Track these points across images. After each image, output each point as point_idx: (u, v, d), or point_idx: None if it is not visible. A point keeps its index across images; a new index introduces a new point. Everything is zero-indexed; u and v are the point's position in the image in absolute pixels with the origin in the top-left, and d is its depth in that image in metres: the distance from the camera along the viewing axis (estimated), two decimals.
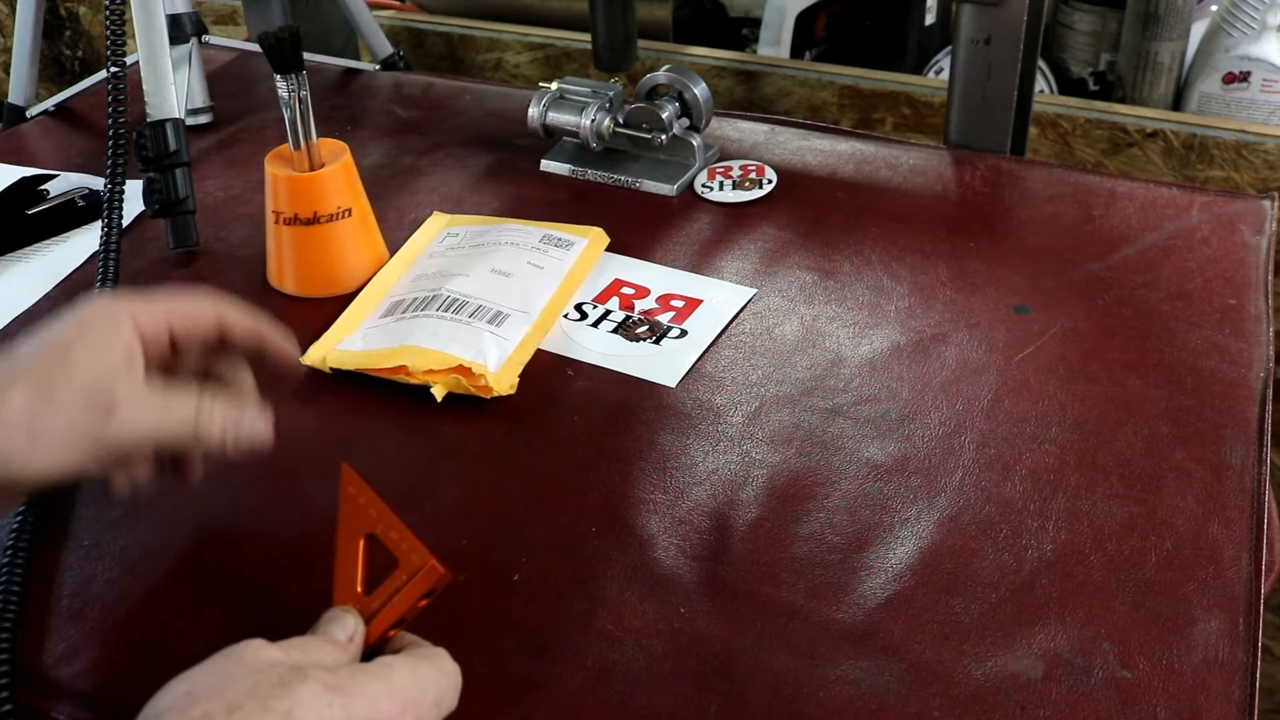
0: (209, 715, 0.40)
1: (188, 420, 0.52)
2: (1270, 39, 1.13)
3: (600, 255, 0.81)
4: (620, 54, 1.01)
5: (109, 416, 0.49)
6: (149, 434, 0.51)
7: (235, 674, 0.42)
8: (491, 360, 0.70)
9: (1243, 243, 0.79)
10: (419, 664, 0.46)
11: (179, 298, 0.55)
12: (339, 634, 0.48)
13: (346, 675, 0.43)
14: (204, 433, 0.52)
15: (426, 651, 0.48)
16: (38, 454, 0.48)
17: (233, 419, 0.53)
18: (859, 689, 0.51)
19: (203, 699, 0.41)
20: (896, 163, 0.91)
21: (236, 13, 1.47)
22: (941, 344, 0.71)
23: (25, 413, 0.48)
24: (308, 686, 0.41)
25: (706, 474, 0.63)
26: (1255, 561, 0.56)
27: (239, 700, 0.41)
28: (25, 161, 0.98)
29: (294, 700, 0.41)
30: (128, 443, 0.51)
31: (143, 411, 0.50)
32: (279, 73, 0.73)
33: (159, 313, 0.53)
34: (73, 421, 0.49)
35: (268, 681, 0.42)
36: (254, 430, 0.54)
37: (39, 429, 0.48)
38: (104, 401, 0.49)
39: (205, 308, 0.55)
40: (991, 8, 0.86)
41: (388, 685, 0.44)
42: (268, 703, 0.40)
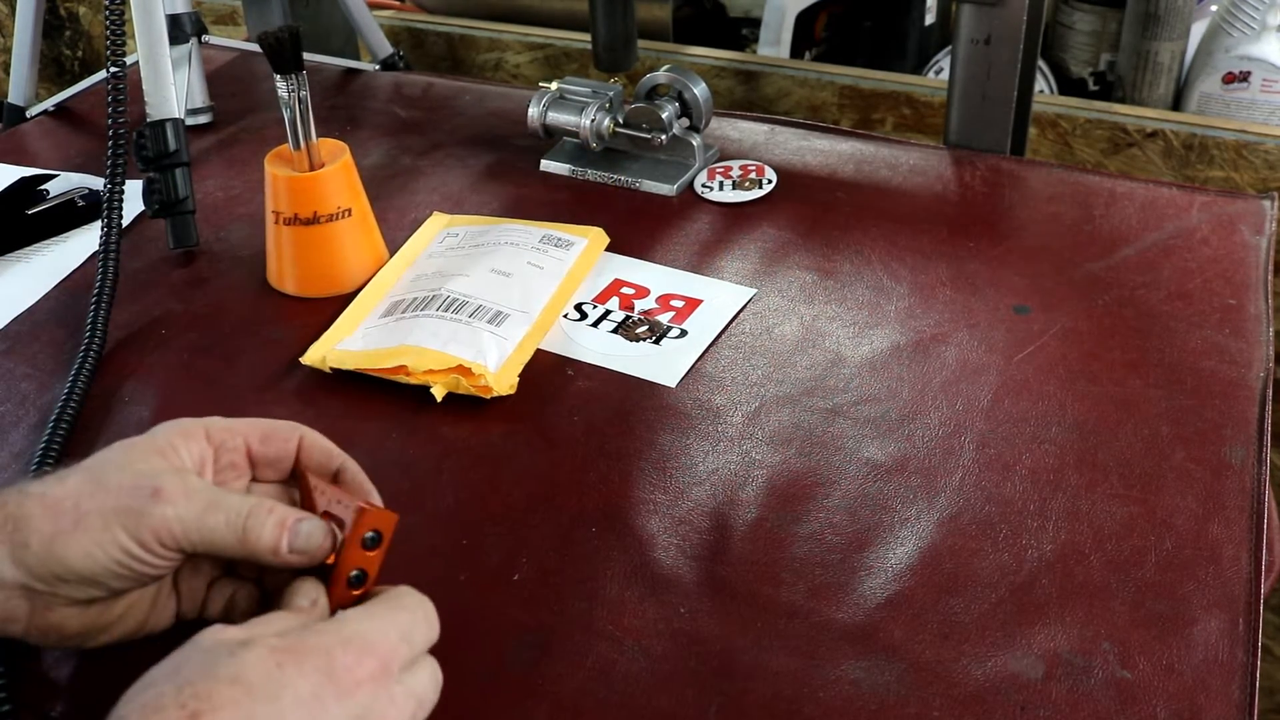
0: (161, 695, 0.40)
1: (237, 517, 0.48)
2: (1270, 39, 1.13)
3: (600, 255, 0.81)
4: (620, 54, 1.01)
5: (151, 500, 0.47)
6: (193, 524, 0.48)
7: (190, 656, 0.42)
8: (491, 360, 0.70)
9: (1243, 243, 0.79)
10: (374, 608, 0.46)
11: (260, 419, 0.53)
12: (301, 601, 0.47)
13: (295, 637, 0.43)
14: (253, 534, 0.48)
15: (386, 595, 0.47)
16: (78, 535, 0.47)
17: (290, 525, 0.48)
18: (859, 689, 0.51)
19: (157, 682, 0.41)
20: (896, 163, 0.91)
21: (236, 13, 1.47)
22: (941, 344, 0.71)
23: (75, 494, 0.48)
24: (254, 652, 0.41)
25: (706, 474, 0.63)
26: (1255, 561, 0.56)
27: (190, 677, 0.41)
28: (25, 161, 0.98)
29: (240, 666, 0.41)
30: (175, 534, 0.47)
31: (190, 500, 0.48)
32: (279, 73, 0.73)
33: (238, 426, 0.52)
34: (116, 503, 0.47)
35: (215, 653, 0.42)
36: (311, 538, 0.49)
37: (82, 510, 0.47)
38: (148, 487, 0.48)
39: (287, 426, 0.53)
40: (991, 8, 0.86)
41: (339, 636, 0.43)
42: (215, 672, 0.41)
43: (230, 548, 0.48)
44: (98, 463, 0.50)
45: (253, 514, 0.48)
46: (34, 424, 0.68)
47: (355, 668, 0.43)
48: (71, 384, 0.69)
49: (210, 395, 0.71)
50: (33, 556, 0.47)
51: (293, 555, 0.48)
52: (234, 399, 0.70)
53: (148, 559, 0.48)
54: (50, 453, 0.64)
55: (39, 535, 0.47)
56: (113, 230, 0.77)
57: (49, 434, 0.65)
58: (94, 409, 0.69)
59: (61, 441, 0.65)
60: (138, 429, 0.67)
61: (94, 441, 0.67)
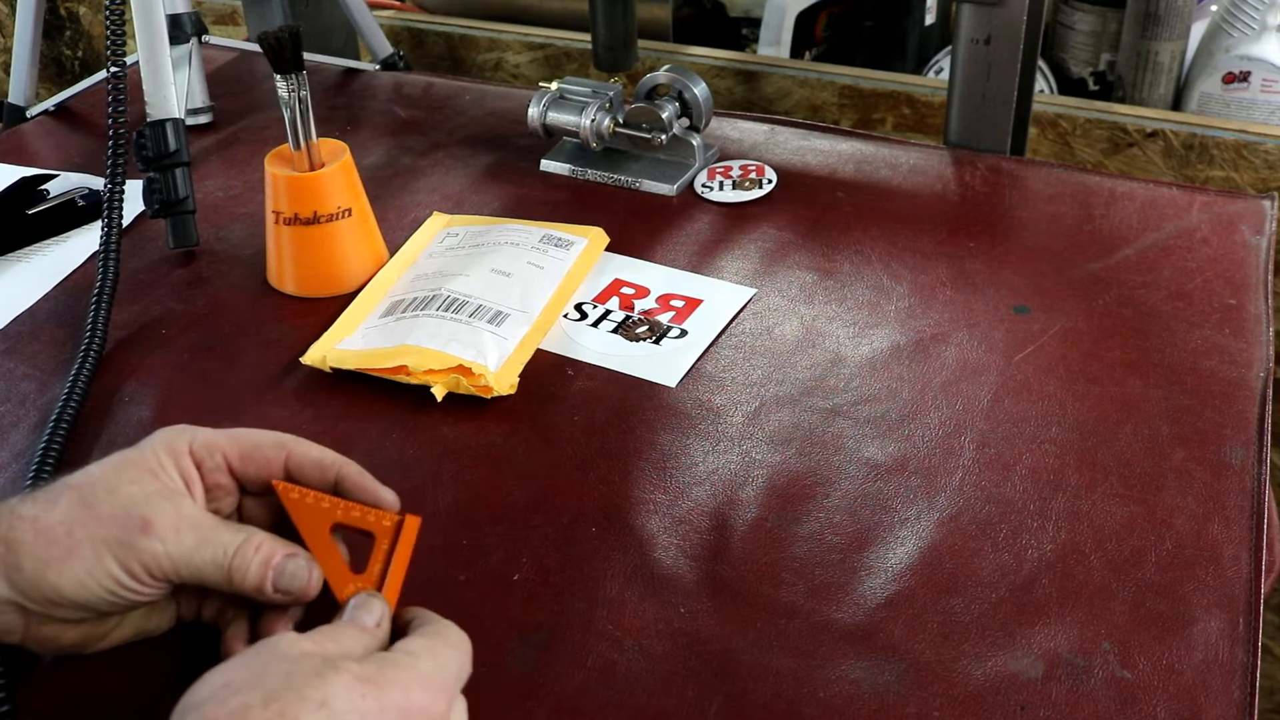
0: (247, 706, 0.40)
1: (225, 553, 0.49)
2: (1270, 39, 1.13)
3: (600, 255, 0.81)
4: (620, 54, 1.01)
5: (141, 534, 0.48)
6: (182, 560, 0.48)
7: (271, 665, 0.43)
8: (491, 360, 0.70)
9: (1243, 243, 0.79)
10: (436, 646, 0.47)
11: (245, 432, 0.53)
12: (367, 620, 0.48)
13: (376, 667, 0.44)
14: (239, 571, 0.49)
15: (438, 629, 0.48)
16: (70, 564, 0.47)
17: (277, 563, 0.49)
18: (859, 689, 0.51)
19: (241, 690, 0.41)
20: (896, 163, 0.91)
21: (236, 13, 1.47)
22: (941, 344, 0.71)
23: (65, 524, 0.48)
24: (341, 678, 0.42)
25: (706, 474, 0.63)
26: (1255, 561, 0.56)
27: (276, 691, 0.41)
28: (25, 161, 0.98)
29: (328, 690, 0.41)
30: (164, 568, 0.48)
31: (179, 536, 0.48)
32: (279, 73, 0.73)
33: (219, 445, 0.52)
34: (107, 534, 0.47)
35: (302, 671, 0.42)
36: (295, 579, 0.49)
37: (74, 539, 0.47)
38: (139, 519, 0.48)
39: (269, 443, 0.53)
40: (991, 8, 0.86)
41: (416, 673, 0.44)
42: (304, 692, 0.41)
43: (217, 584, 0.49)
44: (89, 483, 0.49)
45: (239, 553, 0.49)
46: (34, 424, 0.68)
47: (429, 707, 0.44)
48: (71, 384, 0.69)
49: (210, 395, 0.71)
50: (25, 581, 0.47)
51: (277, 595, 0.49)
52: (234, 399, 0.70)
53: (138, 589, 0.48)
54: (50, 453, 0.64)
55: (32, 560, 0.47)
56: (113, 230, 0.77)
57: (49, 434, 0.65)
58: (94, 409, 0.69)
59: (61, 441, 0.65)
60: (138, 429, 0.68)
61: (94, 442, 0.67)
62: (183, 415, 0.69)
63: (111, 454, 0.51)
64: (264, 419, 0.54)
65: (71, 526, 0.48)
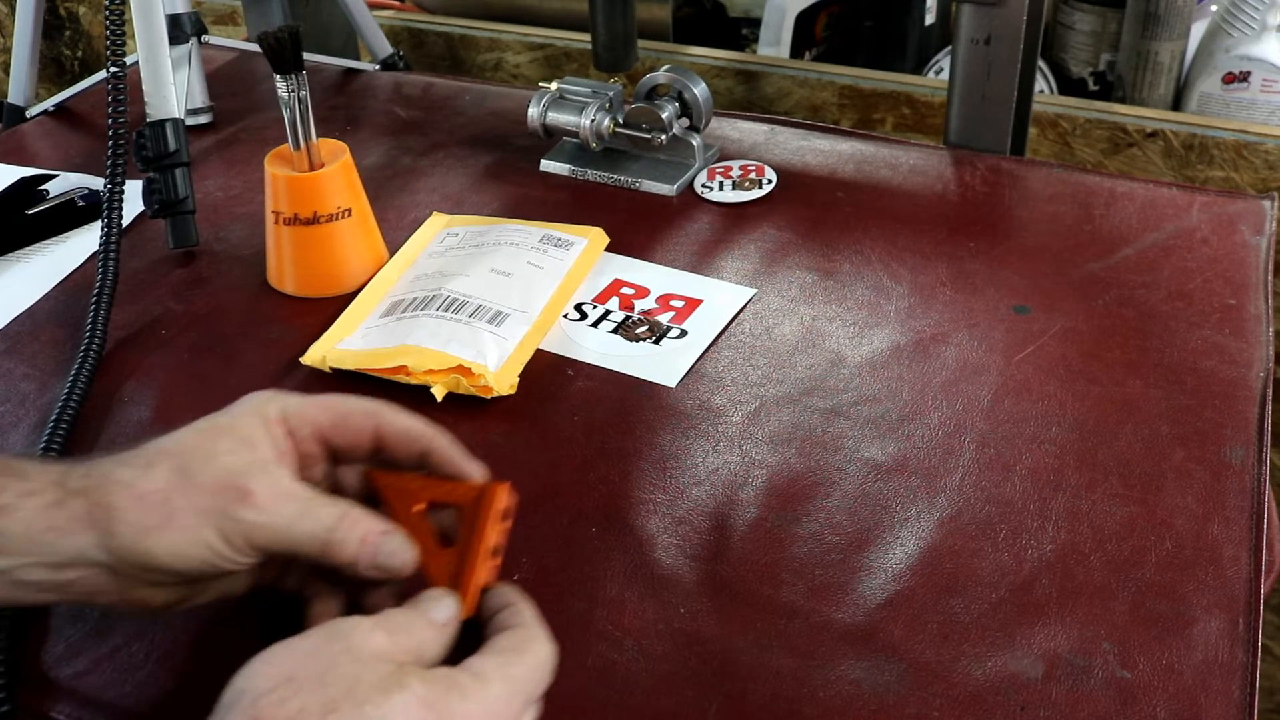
0: (305, 711, 0.40)
1: (324, 527, 0.48)
2: (1270, 39, 1.13)
3: (600, 255, 0.81)
4: (620, 54, 1.01)
5: (241, 504, 0.47)
6: (282, 532, 0.48)
7: (338, 664, 0.42)
8: (491, 360, 0.70)
9: (1243, 243, 0.79)
10: (512, 666, 0.45)
11: (335, 400, 0.52)
12: (437, 615, 0.47)
13: (441, 690, 0.42)
14: (337, 545, 0.48)
15: (520, 642, 0.46)
16: (169, 533, 0.47)
17: (373, 539, 0.48)
18: (859, 689, 0.51)
19: (302, 689, 0.40)
20: (896, 163, 0.91)
21: (236, 13, 1.47)
22: (941, 344, 0.71)
23: (164, 491, 0.47)
24: (403, 696, 0.41)
25: (706, 474, 0.63)
26: (1255, 561, 0.56)
27: (336, 700, 0.40)
28: (25, 161, 0.98)
29: (388, 710, 0.40)
30: (263, 539, 0.48)
31: (279, 507, 0.48)
32: (279, 73, 0.73)
33: (310, 415, 0.51)
34: (206, 503, 0.47)
35: (367, 681, 0.41)
36: (392, 557, 0.49)
37: (173, 506, 0.47)
38: (239, 489, 0.47)
39: (360, 411, 0.52)
40: (991, 8, 0.86)
41: (480, 705, 0.43)
42: (364, 709, 0.40)
43: (311, 557, 0.49)
44: (183, 450, 0.49)
45: (338, 528, 0.48)
46: (34, 424, 0.68)
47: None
48: (71, 384, 0.69)
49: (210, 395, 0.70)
50: (121, 547, 0.47)
51: (372, 571, 0.49)
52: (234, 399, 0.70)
53: (235, 558, 0.48)
54: (50, 453, 0.64)
55: (129, 527, 0.47)
56: (113, 230, 0.77)
57: (49, 434, 0.65)
58: (94, 409, 0.69)
59: (61, 442, 0.65)
60: (138, 429, 0.68)
61: (94, 442, 0.67)
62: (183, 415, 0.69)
63: (201, 419, 0.51)
64: None
65: (169, 494, 0.47)
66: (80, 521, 0.47)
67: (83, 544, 0.47)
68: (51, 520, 0.47)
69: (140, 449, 0.49)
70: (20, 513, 0.47)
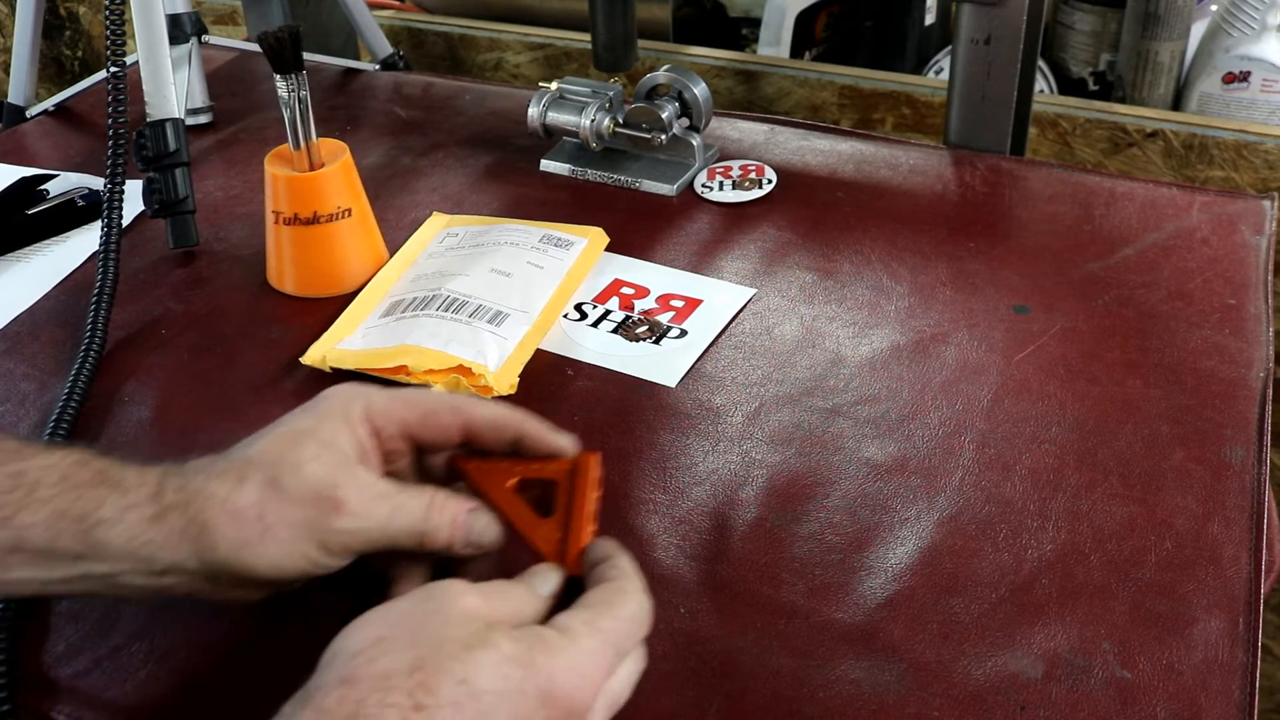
0: (392, 672, 0.41)
1: (416, 519, 0.50)
2: (1270, 39, 1.13)
3: (600, 255, 0.81)
4: (620, 54, 1.01)
5: (335, 515, 0.49)
6: (376, 534, 0.50)
7: (428, 624, 0.43)
8: (491, 360, 0.70)
9: (1243, 243, 0.79)
10: (601, 619, 0.46)
11: (420, 397, 0.53)
12: (541, 588, 0.48)
13: (527, 646, 0.43)
14: (431, 534, 0.50)
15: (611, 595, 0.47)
16: (267, 546, 0.48)
17: (463, 520, 0.51)
18: (859, 689, 0.51)
19: (392, 649, 0.42)
20: (896, 163, 0.91)
21: (236, 13, 1.47)
22: (941, 344, 0.71)
23: (257, 506, 0.48)
24: (488, 654, 0.42)
25: (706, 474, 0.63)
26: (1255, 561, 0.56)
27: (423, 657, 0.41)
28: (25, 161, 0.98)
29: (473, 666, 0.41)
30: (360, 544, 0.50)
31: (371, 512, 0.49)
32: (279, 73, 0.73)
33: (395, 413, 0.52)
34: (300, 516, 0.49)
35: (454, 639, 0.42)
36: (483, 533, 0.51)
37: (268, 522, 0.48)
38: (330, 499, 0.49)
39: (445, 409, 0.53)
40: (991, 8, 0.86)
41: (566, 659, 0.44)
42: (449, 665, 0.41)
43: (410, 548, 0.51)
44: (271, 461, 0.50)
45: (428, 517, 0.50)
46: (34, 424, 0.68)
47: (572, 695, 0.43)
48: (71, 384, 0.69)
49: (210, 395, 0.71)
50: (219, 560, 0.48)
51: (467, 549, 0.51)
52: (234, 399, 0.70)
53: (332, 564, 0.50)
54: None
55: (226, 542, 0.48)
56: (113, 230, 0.77)
57: (49, 434, 0.65)
58: (94, 409, 0.69)
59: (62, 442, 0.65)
60: (138, 429, 0.68)
61: (94, 442, 0.67)
62: (183, 415, 0.69)
63: (284, 421, 0.52)
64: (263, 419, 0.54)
65: (263, 510, 0.48)
66: (177, 536, 0.48)
67: (179, 556, 0.48)
68: (150, 534, 0.48)
69: (230, 459, 0.50)
70: (120, 526, 0.48)
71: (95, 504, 0.48)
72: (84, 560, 0.48)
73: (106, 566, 0.49)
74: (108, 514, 0.48)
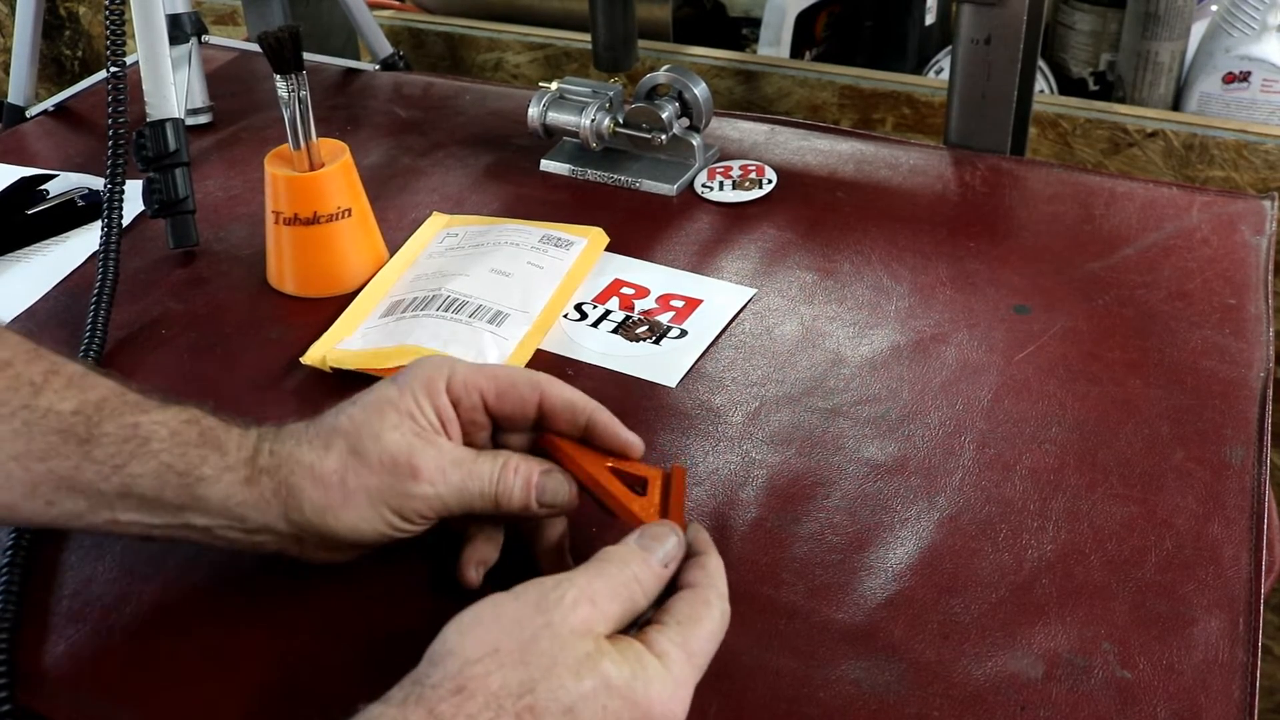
0: (506, 692, 0.42)
1: (489, 481, 0.52)
2: (1270, 39, 1.13)
3: (600, 255, 0.81)
4: (620, 54, 1.01)
5: (411, 480, 0.51)
6: (452, 499, 0.52)
7: (539, 641, 0.44)
8: (492, 360, 0.69)
9: (1243, 243, 0.79)
10: (692, 638, 0.47)
11: (502, 369, 0.55)
12: (658, 554, 0.49)
13: (629, 675, 0.44)
14: (505, 495, 0.52)
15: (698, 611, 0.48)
16: (348, 510, 0.51)
17: (537, 481, 0.53)
18: (859, 689, 0.51)
19: (506, 664, 0.43)
20: (896, 163, 0.91)
21: (236, 13, 1.47)
22: (941, 344, 0.71)
23: (339, 472, 0.51)
24: (594, 684, 0.43)
25: (706, 474, 0.63)
26: (1255, 561, 0.56)
27: (534, 681, 0.42)
28: (25, 161, 0.98)
29: (580, 699, 0.43)
30: (436, 508, 0.52)
31: (446, 477, 0.52)
32: (279, 73, 0.73)
33: (476, 383, 0.54)
34: (378, 483, 0.51)
35: (564, 664, 0.43)
36: (557, 493, 0.54)
37: (349, 488, 0.51)
38: (407, 466, 0.51)
39: (525, 382, 0.55)
40: (991, 8, 0.86)
41: (662, 688, 0.45)
42: (558, 694, 0.42)
43: (485, 511, 0.53)
44: (355, 428, 0.52)
45: (501, 479, 0.52)
46: None
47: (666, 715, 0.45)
48: None
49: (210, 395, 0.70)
50: (304, 521, 0.52)
51: (542, 510, 0.54)
52: (234, 399, 0.70)
53: (409, 529, 0.52)
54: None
55: (310, 505, 0.51)
56: (113, 230, 0.77)
57: None
58: None
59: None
60: None
61: None
62: None
63: (372, 390, 0.54)
64: (263, 419, 0.55)
65: (345, 475, 0.51)
66: (267, 499, 0.52)
67: (270, 517, 0.52)
68: (245, 495, 0.52)
69: (319, 426, 0.53)
70: (218, 485, 0.52)
71: (198, 461, 0.52)
72: (186, 511, 0.52)
73: (206, 520, 0.52)
74: (208, 472, 0.52)
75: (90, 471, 0.51)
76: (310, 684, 0.52)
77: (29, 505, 0.52)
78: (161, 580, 0.58)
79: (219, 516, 0.52)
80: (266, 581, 0.57)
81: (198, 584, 0.58)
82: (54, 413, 0.52)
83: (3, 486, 0.51)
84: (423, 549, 0.56)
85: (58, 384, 0.53)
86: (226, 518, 0.52)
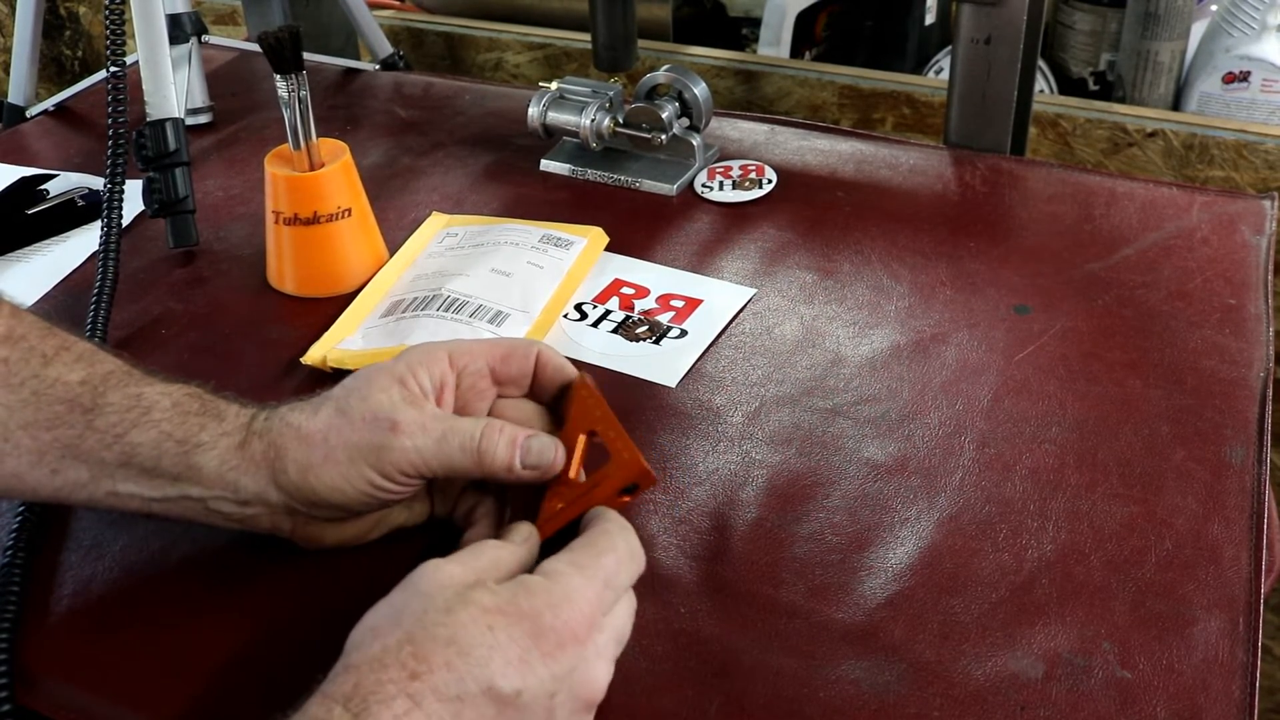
0: (385, 651, 0.43)
1: (470, 437, 0.52)
2: (1270, 39, 1.13)
3: (600, 255, 0.81)
4: (620, 54, 1.01)
5: (390, 434, 0.51)
6: (432, 454, 0.52)
7: (410, 603, 0.45)
8: None
9: (1243, 243, 0.79)
10: (583, 557, 0.48)
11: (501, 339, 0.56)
12: (516, 538, 0.51)
13: (508, 595, 0.45)
14: (488, 453, 0.52)
15: (592, 537, 0.49)
16: (329, 466, 0.51)
17: (522, 441, 0.53)
18: (859, 689, 0.51)
19: (383, 633, 0.44)
20: (896, 163, 0.91)
21: (236, 13, 1.47)
22: (941, 344, 0.71)
23: (323, 431, 0.52)
24: (468, 611, 0.44)
25: (706, 474, 0.63)
26: (1255, 561, 0.56)
27: (410, 632, 0.43)
28: (25, 161, 0.98)
29: (455, 626, 0.43)
30: (415, 464, 0.51)
31: (425, 432, 0.51)
32: (279, 73, 0.73)
33: (480, 351, 0.55)
34: (357, 438, 0.51)
35: (434, 608, 0.44)
36: (542, 454, 0.53)
37: (330, 445, 0.52)
38: (387, 420, 0.51)
39: (523, 344, 0.56)
40: (991, 8, 0.86)
41: (548, 599, 0.45)
42: (434, 631, 0.43)
43: (468, 469, 0.52)
44: (344, 392, 0.53)
45: (485, 436, 0.52)
46: None
47: (562, 630, 0.45)
48: None
49: None
50: (290, 483, 0.52)
51: (526, 471, 0.53)
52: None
53: (390, 487, 0.52)
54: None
55: (295, 465, 0.52)
56: (113, 230, 0.77)
57: None
58: None
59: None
60: None
61: None
62: None
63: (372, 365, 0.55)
64: None
65: (328, 433, 0.52)
66: (256, 462, 0.52)
67: (260, 482, 0.52)
68: (237, 459, 0.52)
69: (316, 397, 0.54)
70: (214, 451, 0.52)
71: (197, 429, 0.53)
72: (182, 481, 0.53)
73: (201, 490, 0.53)
74: (206, 439, 0.52)
75: (93, 439, 0.52)
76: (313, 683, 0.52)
77: (34, 474, 0.52)
78: (162, 580, 0.58)
79: (213, 486, 0.53)
80: (267, 581, 0.57)
81: (198, 584, 0.58)
82: (61, 383, 0.53)
83: (11, 454, 0.52)
84: (422, 548, 0.56)
85: (68, 358, 0.53)
86: (220, 487, 0.53)
